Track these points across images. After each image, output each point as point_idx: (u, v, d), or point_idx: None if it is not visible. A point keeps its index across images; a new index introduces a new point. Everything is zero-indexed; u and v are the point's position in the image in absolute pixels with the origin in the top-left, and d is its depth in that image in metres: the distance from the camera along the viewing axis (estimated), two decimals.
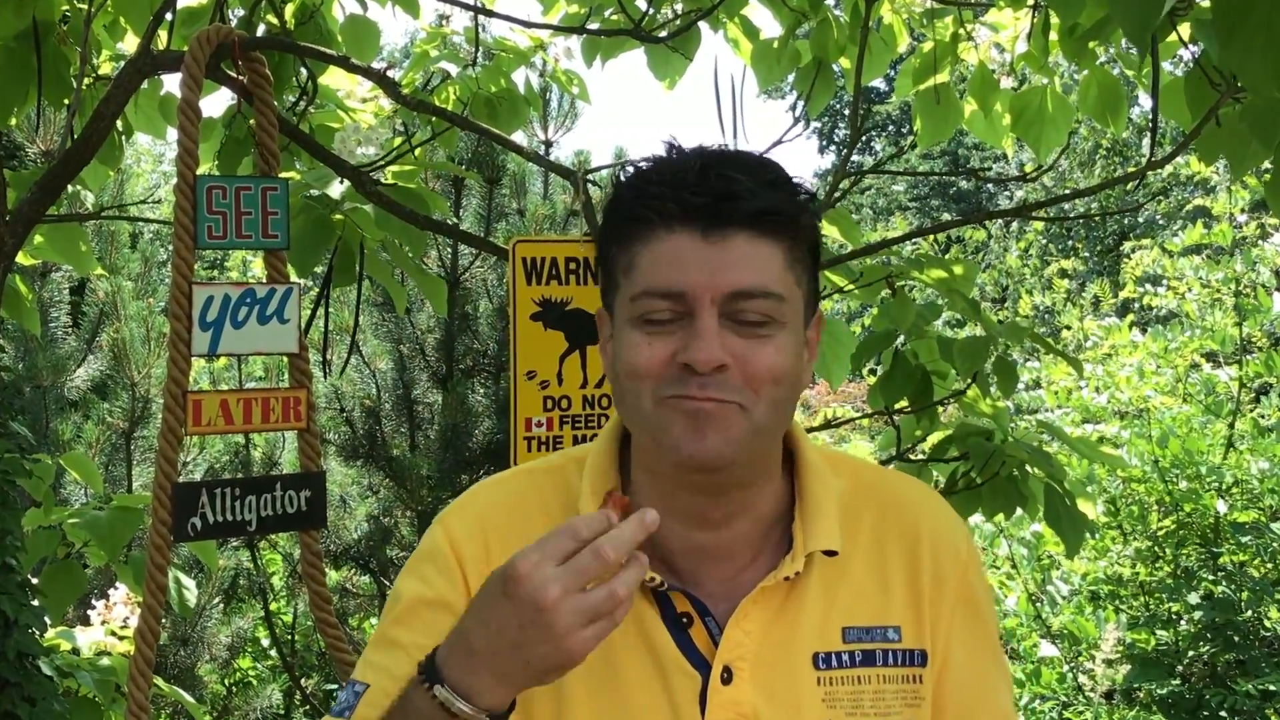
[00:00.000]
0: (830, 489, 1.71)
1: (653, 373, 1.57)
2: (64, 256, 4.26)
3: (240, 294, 3.00)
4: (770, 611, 1.66)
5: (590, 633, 1.41)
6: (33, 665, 3.43)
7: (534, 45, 4.66)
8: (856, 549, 1.71)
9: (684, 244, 1.56)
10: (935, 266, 3.48)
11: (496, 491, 1.77)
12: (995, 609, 1.84)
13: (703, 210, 1.56)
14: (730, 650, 1.63)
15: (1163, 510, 6.13)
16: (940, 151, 32.10)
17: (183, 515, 2.92)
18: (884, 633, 1.69)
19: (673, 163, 1.61)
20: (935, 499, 1.81)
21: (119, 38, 4.40)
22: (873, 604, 1.70)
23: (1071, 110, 4.22)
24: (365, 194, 3.36)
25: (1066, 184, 19.19)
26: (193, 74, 3.03)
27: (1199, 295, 7.79)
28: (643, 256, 1.59)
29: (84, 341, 6.85)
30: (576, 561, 1.41)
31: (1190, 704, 5.63)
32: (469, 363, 6.50)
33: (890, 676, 1.68)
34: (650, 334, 1.58)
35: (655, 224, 1.58)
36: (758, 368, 1.56)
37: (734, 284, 1.55)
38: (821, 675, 1.65)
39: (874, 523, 1.74)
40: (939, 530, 1.75)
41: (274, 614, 7.06)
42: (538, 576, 1.40)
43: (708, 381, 1.54)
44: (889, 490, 1.78)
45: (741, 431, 1.56)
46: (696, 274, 1.55)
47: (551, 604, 1.39)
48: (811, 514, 1.68)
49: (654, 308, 1.57)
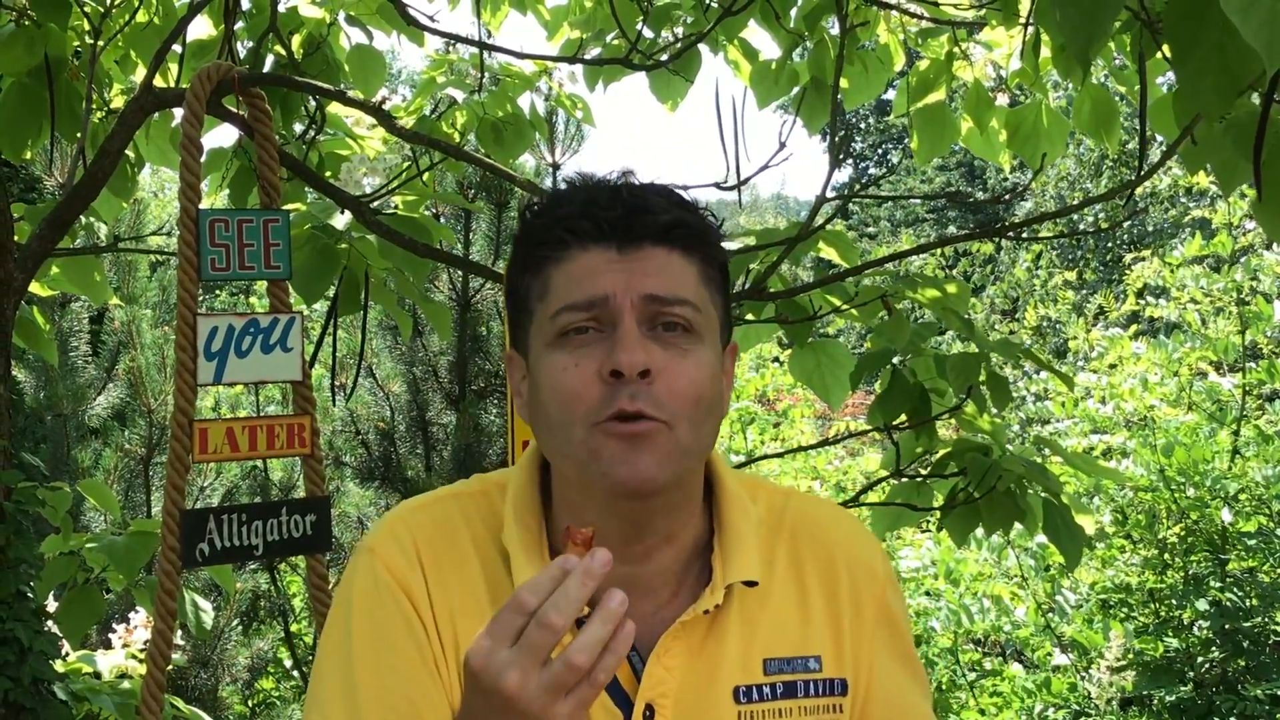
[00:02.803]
0: (749, 518, 1.70)
1: (583, 393, 1.55)
2: (79, 287, 4.33)
3: (244, 324, 3.07)
4: (692, 646, 1.64)
5: (569, 705, 1.35)
6: (48, 690, 3.49)
7: (539, 70, 4.73)
8: (774, 577, 1.71)
9: (599, 259, 1.58)
10: (929, 286, 3.53)
11: (424, 517, 1.70)
12: (910, 622, 1.85)
13: (616, 225, 1.58)
14: (652, 688, 1.62)
15: (1172, 519, 6.15)
16: (956, 163, 32.09)
17: (191, 541, 2.99)
18: (805, 663, 1.68)
19: (583, 188, 1.64)
20: (848, 519, 1.81)
21: (130, 71, 4.49)
22: (793, 634, 1.69)
23: (1067, 125, 4.27)
24: (365, 223, 3.43)
25: (1074, 195, 19.18)
26: (194, 110, 3.11)
27: (1201, 305, 7.82)
28: (557, 277, 1.60)
29: (103, 370, 6.93)
30: (526, 639, 1.34)
31: (1201, 710, 5.66)
32: (481, 384, 6.56)
33: (811, 708, 1.67)
34: (573, 350, 1.57)
35: (569, 244, 1.59)
36: (679, 382, 1.56)
37: (650, 289, 1.57)
38: (742, 710, 1.65)
39: (789, 549, 1.74)
40: (854, 553, 1.75)
41: (295, 635, 7.12)
42: (493, 667, 1.34)
43: (637, 391, 1.53)
44: (803, 514, 1.77)
45: (671, 451, 1.55)
46: (613, 280, 1.57)
47: (515, 691, 1.33)
48: (731, 545, 1.67)
49: (573, 320, 1.57)
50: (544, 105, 5.02)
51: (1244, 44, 2.07)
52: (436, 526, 1.68)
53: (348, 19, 4.29)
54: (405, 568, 1.64)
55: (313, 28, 4.21)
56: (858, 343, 18.34)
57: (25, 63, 3.71)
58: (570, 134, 6.68)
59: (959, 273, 19.14)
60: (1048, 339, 14.27)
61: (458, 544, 1.65)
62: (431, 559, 1.65)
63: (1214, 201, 9.42)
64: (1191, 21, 2.20)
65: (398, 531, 1.67)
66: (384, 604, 1.62)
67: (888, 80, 4.54)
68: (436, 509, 1.71)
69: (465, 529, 1.67)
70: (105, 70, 4.30)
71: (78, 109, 3.86)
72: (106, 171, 3.41)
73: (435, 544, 1.66)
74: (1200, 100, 2.19)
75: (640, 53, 3.91)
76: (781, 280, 3.54)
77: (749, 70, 4.47)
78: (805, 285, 3.46)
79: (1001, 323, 16.80)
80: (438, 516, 1.70)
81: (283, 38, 3.95)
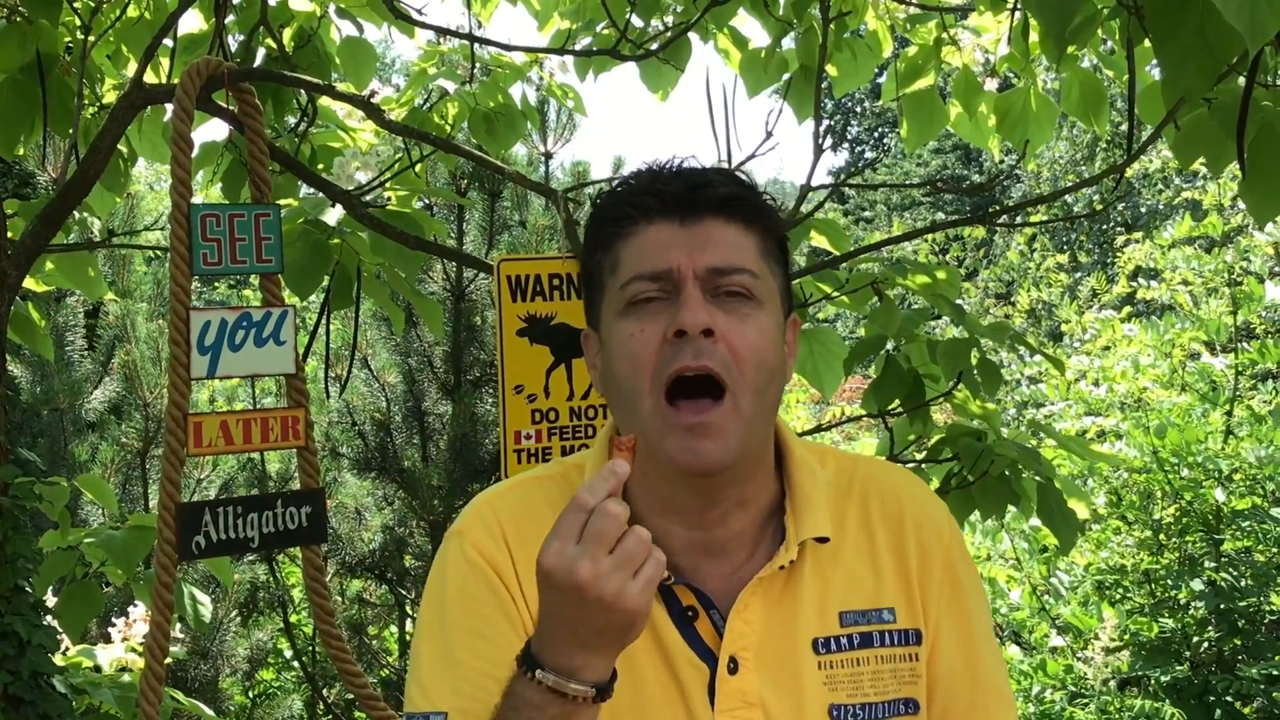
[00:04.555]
0: (818, 480, 1.79)
1: (649, 356, 1.66)
2: (73, 283, 4.35)
3: (237, 318, 3.09)
4: (770, 602, 1.73)
5: (638, 584, 1.47)
6: (47, 684, 3.51)
7: (529, 61, 4.72)
8: (846, 536, 1.79)
9: (664, 231, 1.69)
10: (919, 272, 3.54)
11: (509, 500, 1.82)
12: (982, 586, 1.91)
13: (677, 198, 1.69)
14: (734, 641, 1.71)
15: (1166, 500, 6.17)
16: (952, 146, 32.08)
17: (187, 534, 3.01)
18: (879, 614, 1.77)
19: (647, 172, 1.75)
20: (915, 482, 1.90)
21: (122, 66, 4.49)
22: (866, 588, 1.78)
23: (1055, 110, 4.28)
24: (355, 216, 3.44)
25: (1067, 178, 19.17)
26: (184, 107, 3.12)
27: (1193, 286, 7.83)
28: (627, 250, 1.71)
29: (99, 364, 6.94)
30: (591, 529, 1.46)
31: (1197, 689, 5.68)
32: (476, 373, 6.57)
33: (887, 656, 1.75)
34: (640, 318, 1.68)
35: (636, 219, 1.71)
36: (741, 342, 1.66)
37: (711, 261, 1.67)
38: (821, 659, 1.73)
39: (860, 509, 1.82)
40: (921, 511, 1.84)
41: (294, 626, 7.14)
42: (563, 562, 1.46)
43: (700, 348, 1.64)
44: (871, 477, 1.85)
45: (735, 429, 1.65)
46: (677, 254, 1.67)
47: (589, 580, 1.45)
48: (801, 505, 1.76)
49: (642, 289, 1.68)
50: (535, 95, 5.02)
51: (1224, 25, 2.09)
52: (520, 507, 1.79)
53: (338, 11, 4.29)
54: (492, 547, 1.75)
55: (303, 21, 4.21)
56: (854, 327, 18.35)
57: (17, 59, 3.72)
58: (562, 123, 6.69)
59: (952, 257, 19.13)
60: (1042, 322, 14.28)
61: (541, 523, 1.68)
62: (517, 537, 1.75)
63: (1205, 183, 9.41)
64: (1173, 5, 2.22)
65: (484, 514, 1.79)
66: (474, 581, 1.74)
67: (877, 66, 4.55)
68: (518, 492, 1.83)
69: (547, 509, 1.72)
70: (97, 65, 4.31)
71: (70, 105, 3.87)
72: (99, 167, 3.43)
73: (520, 523, 1.77)
74: (1183, 82, 2.22)
75: (630, 42, 3.92)
76: None
77: (739, 58, 4.47)
78: (796, 272, 3.47)
79: (996, 306, 16.79)
80: (520, 498, 1.81)
81: (273, 31, 3.95)
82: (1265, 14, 1.94)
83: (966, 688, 1.80)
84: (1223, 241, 7.59)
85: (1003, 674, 1.86)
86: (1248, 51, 2.21)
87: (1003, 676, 1.86)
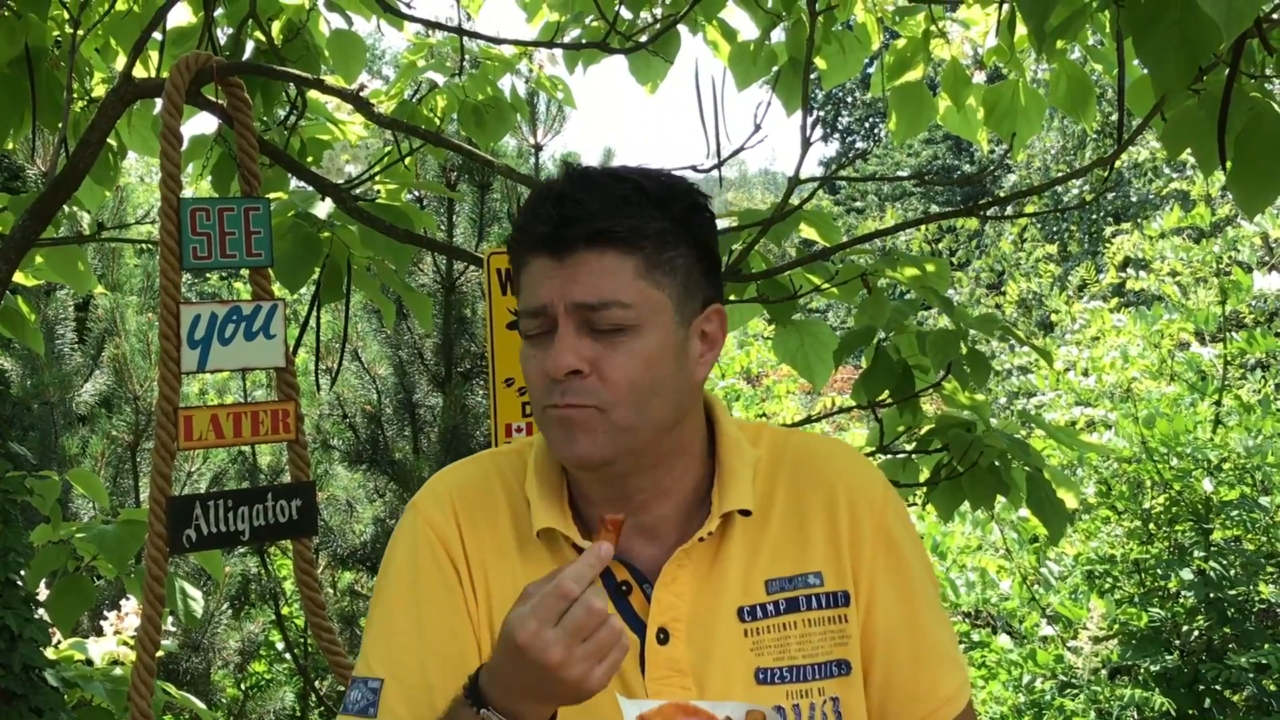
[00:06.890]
0: (745, 456, 1.85)
1: (536, 384, 1.76)
2: (63, 276, 4.35)
3: (227, 311, 3.09)
4: (699, 574, 1.80)
5: (603, 669, 1.55)
6: (39, 678, 3.52)
7: (518, 53, 4.72)
8: (774, 507, 1.85)
9: (542, 267, 1.74)
10: (909, 264, 3.55)
11: (462, 475, 1.91)
12: (925, 553, 1.95)
13: (549, 238, 1.73)
14: (663, 613, 1.79)
15: (1155, 489, 6.19)
16: (944, 136, 32.07)
17: (178, 528, 3.01)
18: (805, 579, 1.82)
19: (540, 193, 1.78)
20: (849, 452, 1.96)
21: (111, 60, 4.49)
22: (792, 555, 1.83)
23: (1044, 103, 4.28)
24: (345, 210, 3.45)
25: (1058, 168, 19.20)
26: (173, 100, 3.12)
27: (1181, 276, 7.85)
28: (521, 281, 1.78)
29: (89, 357, 6.93)
30: (571, 620, 1.53)
31: (1187, 678, 5.70)
32: (467, 365, 6.57)
33: (816, 620, 1.81)
34: (532, 346, 1.76)
35: (524, 251, 1.77)
36: (611, 374, 1.72)
37: (579, 296, 1.71)
38: (747, 627, 1.80)
39: (790, 481, 1.87)
40: (853, 478, 1.88)
41: (286, 618, 7.14)
42: (538, 644, 1.53)
43: (566, 388, 1.72)
44: (803, 448, 1.91)
45: (605, 432, 1.73)
46: (549, 289, 1.73)
47: (559, 664, 1.52)
48: (727, 481, 1.82)
49: (528, 325, 1.77)
50: (525, 87, 5.02)
51: (1202, 17, 2.10)
52: (471, 482, 1.89)
53: (327, 4, 4.28)
54: (442, 521, 1.85)
55: (292, 14, 4.20)
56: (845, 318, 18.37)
57: (6, 53, 3.71)
58: (552, 115, 6.69)
59: (944, 248, 19.16)
60: (1032, 312, 14.31)
61: (491, 495, 1.86)
62: (466, 511, 1.85)
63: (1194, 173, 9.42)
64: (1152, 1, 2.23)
65: (437, 489, 1.89)
66: (421, 553, 1.84)
67: (866, 59, 4.55)
68: (473, 467, 1.93)
69: (498, 482, 1.88)
70: (86, 59, 4.31)
71: (59, 99, 3.87)
72: (88, 162, 3.43)
73: (469, 498, 1.87)
74: (1163, 76, 2.22)
75: (619, 34, 3.92)
76: (766, 260, 3.56)
77: (728, 51, 4.48)
78: (785, 265, 3.48)
79: (987, 297, 16.82)
80: (473, 473, 1.91)
81: (262, 24, 3.95)
82: (1242, 2, 1.95)
83: (907, 648, 1.84)
84: (1211, 232, 7.61)
85: (949, 636, 1.91)
86: (1225, 43, 2.22)
87: (949, 638, 1.91)
